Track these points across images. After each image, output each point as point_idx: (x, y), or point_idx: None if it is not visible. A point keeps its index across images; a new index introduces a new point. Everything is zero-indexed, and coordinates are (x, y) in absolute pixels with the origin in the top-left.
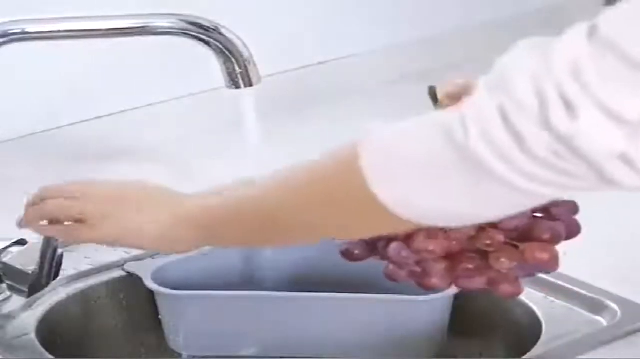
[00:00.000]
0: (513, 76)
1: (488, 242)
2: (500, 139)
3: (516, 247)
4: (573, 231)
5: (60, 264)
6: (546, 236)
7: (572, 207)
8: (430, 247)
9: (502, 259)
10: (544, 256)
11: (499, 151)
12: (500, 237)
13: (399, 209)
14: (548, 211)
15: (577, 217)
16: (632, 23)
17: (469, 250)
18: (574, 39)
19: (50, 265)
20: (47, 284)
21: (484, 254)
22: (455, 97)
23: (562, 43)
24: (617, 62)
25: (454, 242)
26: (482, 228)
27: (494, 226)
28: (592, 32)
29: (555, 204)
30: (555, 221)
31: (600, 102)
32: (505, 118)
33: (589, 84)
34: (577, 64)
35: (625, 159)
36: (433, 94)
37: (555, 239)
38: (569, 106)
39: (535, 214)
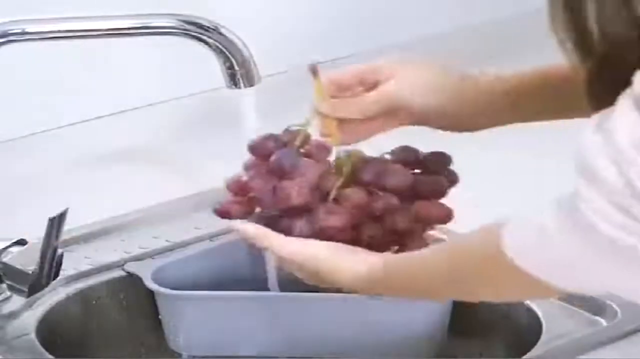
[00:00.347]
0: (595, 162)
1: (383, 207)
2: (620, 220)
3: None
4: (453, 180)
5: (60, 264)
6: (431, 189)
7: (445, 159)
8: (331, 223)
9: (399, 220)
10: (435, 211)
11: (621, 227)
12: (394, 200)
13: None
14: (425, 166)
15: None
16: None
17: (369, 218)
18: (624, 111)
19: (50, 265)
20: (47, 284)
21: (383, 219)
22: (345, 88)
23: (616, 116)
24: None
25: (354, 213)
26: (375, 194)
27: (384, 190)
28: (636, 98)
29: (428, 158)
30: (434, 174)
31: None
32: (612, 201)
33: None
34: (635, 135)
35: None
36: (314, 70)
37: (440, 191)
38: None
39: (414, 172)
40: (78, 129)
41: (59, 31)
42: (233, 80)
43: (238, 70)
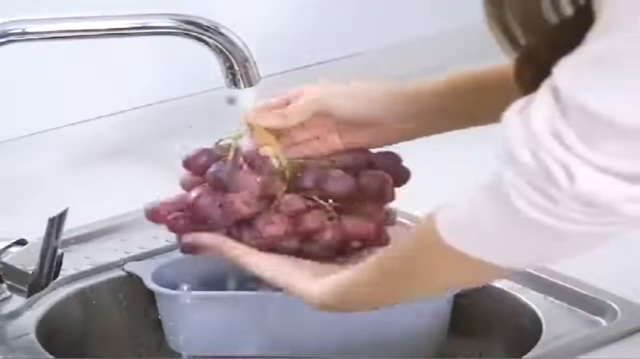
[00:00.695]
0: (515, 148)
1: (312, 223)
2: (533, 197)
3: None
4: (405, 179)
5: (60, 264)
6: (376, 194)
7: (395, 159)
8: (271, 232)
9: (329, 236)
10: (361, 229)
11: (536, 206)
12: (324, 217)
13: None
14: (376, 168)
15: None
16: (581, 72)
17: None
18: (544, 99)
19: (50, 265)
20: (47, 284)
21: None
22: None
23: (535, 104)
24: (583, 119)
25: (292, 221)
26: (313, 204)
27: (325, 196)
28: (555, 89)
29: (379, 159)
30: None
31: (588, 161)
32: (529, 182)
33: (571, 144)
34: (554, 126)
35: (634, 200)
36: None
37: (385, 194)
38: (565, 168)
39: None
40: (78, 129)
41: (59, 31)
42: (233, 80)
43: (238, 71)
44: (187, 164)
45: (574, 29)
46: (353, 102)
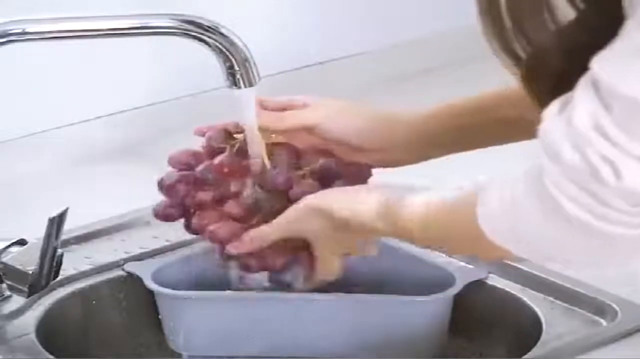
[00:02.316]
0: (559, 146)
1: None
2: (580, 198)
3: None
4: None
5: (60, 264)
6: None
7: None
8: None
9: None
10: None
11: (584, 207)
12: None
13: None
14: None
15: None
16: (624, 63)
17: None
18: (584, 94)
19: (50, 265)
20: (47, 284)
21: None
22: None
23: (576, 101)
24: (626, 109)
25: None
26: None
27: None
28: (595, 83)
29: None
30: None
31: (633, 154)
32: (573, 180)
33: (616, 139)
34: (597, 121)
35: None
36: None
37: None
38: (610, 163)
39: None
40: (78, 129)
41: (59, 31)
42: (233, 80)
43: (238, 71)
44: (173, 161)
45: (586, 31)
46: (344, 122)
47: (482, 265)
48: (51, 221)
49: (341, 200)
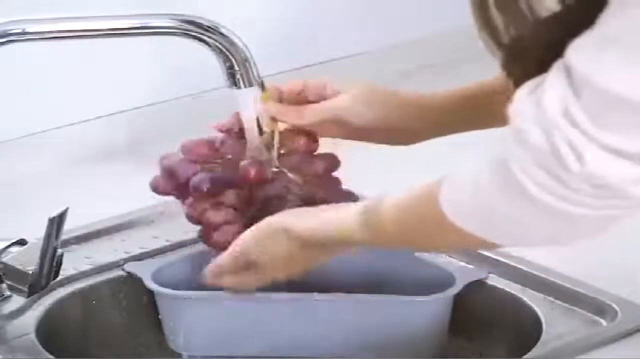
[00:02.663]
0: (526, 129)
1: None
2: (544, 180)
3: None
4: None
5: (60, 264)
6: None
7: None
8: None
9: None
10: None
11: (547, 189)
12: None
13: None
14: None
15: None
16: (599, 52)
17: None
18: (556, 80)
19: (50, 265)
20: (47, 284)
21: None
22: (291, 93)
23: (547, 85)
24: (596, 98)
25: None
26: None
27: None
28: (568, 69)
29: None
30: None
31: (598, 142)
32: (538, 164)
33: (582, 125)
34: (566, 106)
35: None
36: (261, 81)
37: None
38: (574, 149)
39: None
40: (78, 129)
41: (59, 31)
42: (233, 80)
43: (238, 70)
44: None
45: (568, 23)
46: (366, 117)
47: (482, 265)
48: (51, 221)
49: (315, 218)
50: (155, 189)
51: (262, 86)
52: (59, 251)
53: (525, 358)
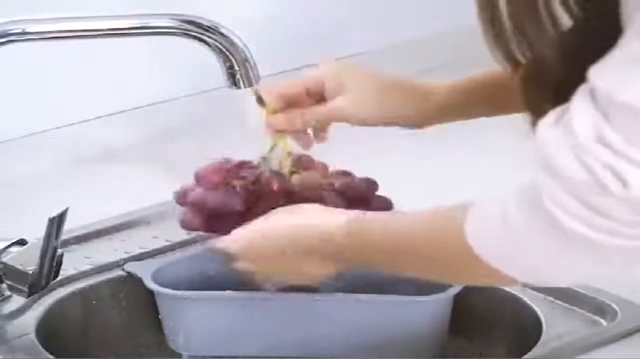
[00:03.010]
0: (557, 158)
1: None
2: (579, 212)
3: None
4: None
5: (60, 264)
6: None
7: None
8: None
9: None
10: None
11: (583, 221)
12: None
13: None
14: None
15: None
16: (621, 71)
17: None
18: (582, 105)
19: (50, 265)
20: (47, 284)
21: None
22: (292, 101)
23: (575, 112)
24: (626, 117)
25: None
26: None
27: None
28: (592, 92)
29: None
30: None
31: (636, 162)
32: (570, 192)
33: (617, 147)
34: (597, 129)
35: None
36: (258, 98)
37: None
38: (615, 173)
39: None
40: (78, 129)
41: (59, 31)
42: (233, 80)
43: (238, 71)
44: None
45: (585, 38)
46: (372, 113)
47: None
48: (51, 221)
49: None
50: (187, 226)
51: (261, 101)
52: (59, 251)
53: (525, 358)
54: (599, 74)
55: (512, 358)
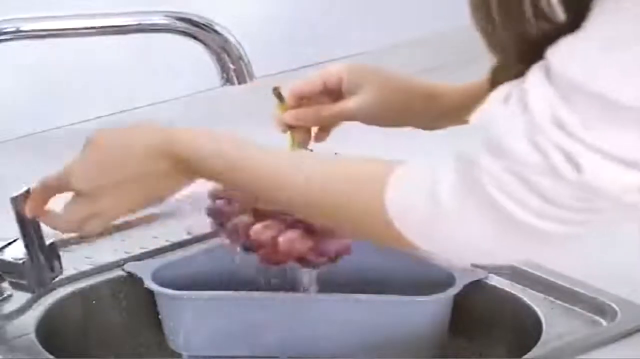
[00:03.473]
0: (507, 137)
1: None
2: (525, 197)
3: None
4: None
5: (57, 254)
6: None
7: None
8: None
9: None
10: None
11: (527, 207)
12: None
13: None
14: None
15: None
16: (578, 54)
17: None
18: (537, 84)
19: (44, 255)
20: (51, 271)
21: None
22: (308, 98)
23: (530, 91)
24: (588, 102)
25: None
26: None
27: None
28: (548, 71)
29: None
30: None
31: (592, 146)
32: (523, 180)
33: (572, 129)
34: (552, 109)
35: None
36: (278, 94)
37: None
38: (568, 157)
39: None
40: (78, 129)
41: (53, 29)
42: (227, 77)
43: (231, 68)
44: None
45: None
46: (383, 116)
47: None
48: (14, 199)
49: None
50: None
51: (281, 97)
52: (50, 240)
53: (525, 358)
54: (561, 55)
55: (512, 358)
